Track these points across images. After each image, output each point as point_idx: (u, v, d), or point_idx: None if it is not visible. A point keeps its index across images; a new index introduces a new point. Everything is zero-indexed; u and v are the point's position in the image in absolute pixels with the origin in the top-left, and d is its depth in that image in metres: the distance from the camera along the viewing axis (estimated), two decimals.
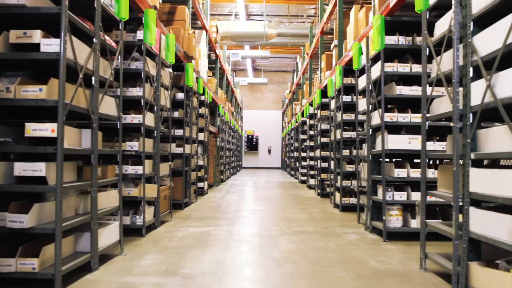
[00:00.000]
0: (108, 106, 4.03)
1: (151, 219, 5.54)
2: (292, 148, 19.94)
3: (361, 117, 6.74)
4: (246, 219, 6.80)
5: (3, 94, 3.15)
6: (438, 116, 3.69)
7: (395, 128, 5.44)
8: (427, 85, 3.96)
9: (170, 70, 6.53)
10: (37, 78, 3.53)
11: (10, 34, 3.21)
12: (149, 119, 5.42)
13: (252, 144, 28.70)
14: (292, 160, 19.79)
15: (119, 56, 4.32)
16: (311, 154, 12.85)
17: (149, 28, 5.16)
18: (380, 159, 5.43)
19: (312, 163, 12.91)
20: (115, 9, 4.14)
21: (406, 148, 5.16)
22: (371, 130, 5.75)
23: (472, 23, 3.13)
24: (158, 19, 6.04)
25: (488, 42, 2.95)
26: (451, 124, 3.35)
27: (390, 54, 5.44)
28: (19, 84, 3.19)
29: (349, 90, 7.99)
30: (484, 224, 2.96)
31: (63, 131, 3.13)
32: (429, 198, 4.67)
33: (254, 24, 15.30)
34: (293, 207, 8.42)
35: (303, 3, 16.07)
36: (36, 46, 3.16)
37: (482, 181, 2.99)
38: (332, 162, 8.84)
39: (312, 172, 13.06)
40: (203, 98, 10.00)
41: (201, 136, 9.98)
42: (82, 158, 4.10)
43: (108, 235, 4.05)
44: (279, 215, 7.26)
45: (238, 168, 24.18)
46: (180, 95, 7.62)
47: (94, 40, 3.68)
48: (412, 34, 5.28)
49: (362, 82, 6.17)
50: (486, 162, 4.03)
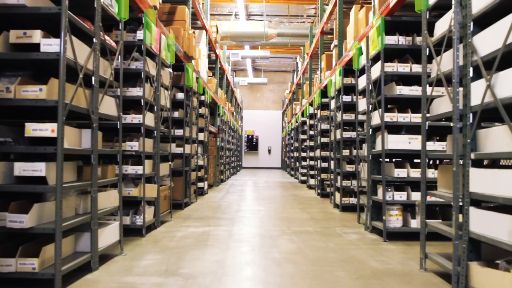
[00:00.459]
0: (108, 106, 4.03)
1: (151, 219, 5.54)
2: (292, 148, 19.94)
3: (361, 117, 6.74)
4: (246, 219, 6.80)
5: (3, 94, 3.15)
6: (438, 116, 3.69)
7: (395, 128, 5.44)
8: (427, 85, 3.96)
9: (170, 70, 6.53)
10: (37, 78, 3.53)
11: (10, 34, 3.21)
12: (149, 119, 5.42)
13: (252, 144, 28.70)
14: (292, 160, 19.79)
15: (119, 56, 4.32)
16: (311, 154, 12.85)
17: (149, 28, 5.16)
18: (380, 159, 5.43)
19: (312, 163, 12.91)
20: (115, 9, 4.14)
21: (406, 148, 5.16)
22: (371, 130, 5.75)
23: (472, 23, 3.13)
24: (158, 19, 6.04)
25: (488, 42, 2.95)
26: (451, 124, 3.35)
27: (390, 54, 5.44)
28: (19, 84, 3.19)
29: (349, 90, 7.99)
30: (484, 224, 2.96)
31: (63, 131, 3.13)
32: (429, 198, 4.67)
33: (254, 24, 15.30)
34: (293, 207, 8.42)
35: (303, 3, 16.07)
36: (36, 46, 3.16)
37: (482, 181, 2.99)
38: (332, 162, 8.84)
39: (312, 172, 13.06)
40: (203, 98, 10.00)
41: (201, 136, 9.98)
42: (82, 158, 4.10)
43: (108, 235, 4.05)
44: (279, 215, 7.26)
45: (238, 168, 24.19)
46: (180, 95, 7.62)
47: (94, 40, 3.68)
48: (412, 34, 5.28)
49: (362, 82, 6.16)
50: (486, 162, 4.03)
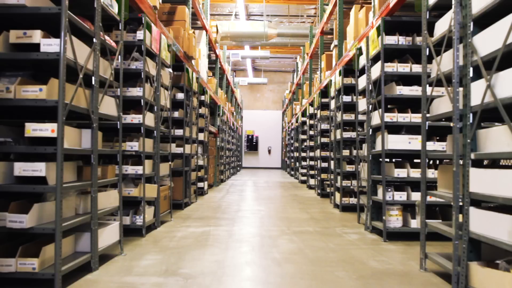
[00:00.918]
0: (108, 106, 4.03)
1: (151, 219, 5.54)
2: (292, 148, 19.94)
3: (361, 117, 6.74)
4: (246, 219, 6.80)
5: (3, 94, 3.15)
6: (438, 116, 3.69)
7: (395, 128, 5.44)
8: (427, 85, 3.95)
9: (170, 70, 6.53)
10: (37, 78, 3.53)
11: (10, 34, 3.21)
12: (149, 119, 5.42)
13: (252, 144, 28.69)
14: (292, 160, 19.79)
15: (119, 56, 4.32)
16: (311, 154, 12.85)
17: (149, 28, 5.16)
18: (380, 159, 5.43)
19: (312, 163, 12.91)
20: (115, 9, 4.14)
21: (406, 148, 5.16)
22: (371, 130, 5.75)
23: (472, 23, 3.13)
24: (158, 19, 6.03)
25: (488, 42, 2.95)
26: (451, 124, 3.35)
27: (390, 54, 5.44)
28: (19, 84, 3.19)
29: (349, 90, 7.99)
30: (484, 224, 2.96)
31: (63, 131, 3.13)
32: (429, 198, 4.67)
33: (254, 24, 15.29)
34: (293, 207, 8.42)
35: (303, 3, 16.07)
36: (36, 46, 3.16)
37: (482, 181, 2.99)
38: (332, 162, 8.84)
39: (312, 172, 13.06)
40: (203, 98, 10.00)
41: (201, 136, 9.97)
42: (82, 158, 4.10)
43: (108, 235, 4.05)
44: (279, 215, 7.26)
45: (238, 168, 24.18)
46: (180, 95, 7.62)
47: (94, 40, 3.68)
48: (412, 34, 5.28)
49: (362, 82, 6.16)
50: (486, 162, 4.03)
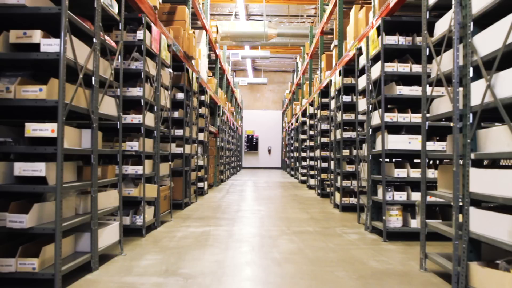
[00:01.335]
0: (108, 106, 4.03)
1: (151, 219, 5.54)
2: (292, 148, 19.94)
3: (361, 117, 6.74)
4: (246, 219, 6.80)
5: (3, 94, 3.15)
6: (438, 116, 3.69)
7: (395, 128, 5.43)
8: (427, 85, 3.95)
9: (170, 70, 6.53)
10: (37, 78, 3.53)
11: (10, 34, 3.21)
12: (149, 119, 5.42)
13: (252, 144, 28.68)
14: (292, 160, 19.78)
15: (119, 56, 4.32)
16: (311, 154, 12.85)
17: (149, 28, 5.16)
18: (380, 159, 5.43)
19: (312, 163, 12.91)
20: (115, 9, 4.14)
21: (406, 148, 5.16)
22: (371, 130, 5.75)
23: (472, 23, 3.13)
24: (158, 19, 6.03)
25: (488, 42, 2.95)
26: (451, 124, 3.35)
27: (390, 54, 5.44)
28: (19, 84, 3.19)
29: (349, 90, 7.99)
30: (484, 224, 2.96)
31: (63, 131, 3.13)
32: (429, 198, 4.66)
33: (254, 24, 15.29)
34: (293, 207, 8.42)
35: (303, 3, 16.07)
36: (36, 46, 3.16)
37: (482, 181, 2.99)
38: (332, 162, 8.84)
39: (312, 172, 13.06)
40: (203, 98, 10.00)
41: (201, 136, 9.97)
42: (82, 158, 4.10)
43: (108, 235, 4.05)
44: (279, 215, 7.26)
45: (238, 168, 24.18)
46: (180, 95, 7.62)
47: (94, 40, 3.68)
48: (412, 34, 5.28)
49: (362, 82, 6.16)
50: (486, 162, 4.03)
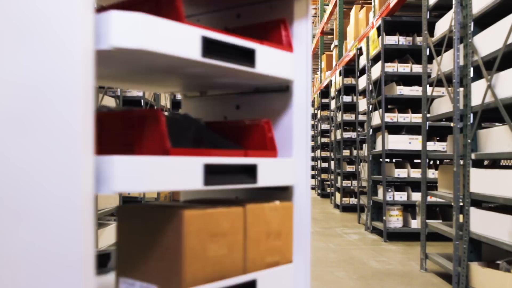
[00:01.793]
0: None
1: None
2: None
3: (361, 117, 6.74)
4: None
5: None
6: (438, 116, 3.68)
7: (396, 128, 5.43)
8: (428, 85, 3.95)
9: None
10: None
11: None
12: None
13: None
14: None
15: None
16: (312, 155, 12.84)
17: None
18: (381, 159, 5.42)
19: (312, 163, 12.91)
20: None
21: (407, 148, 5.15)
22: (371, 130, 5.74)
23: (472, 23, 3.12)
24: None
25: (488, 42, 2.95)
26: (452, 124, 3.34)
27: (390, 54, 5.44)
28: None
29: (349, 90, 7.98)
30: (484, 224, 2.95)
31: None
32: (429, 199, 4.66)
33: None
34: None
35: None
36: None
37: (482, 181, 2.98)
38: (332, 162, 8.84)
39: (312, 172, 13.07)
40: None
41: None
42: None
43: (108, 235, 4.05)
44: None
45: None
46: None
47: None
48: (412, 34, 5.27)
49: (363, 82, 6.16)
50: (486, 163, 4.03)
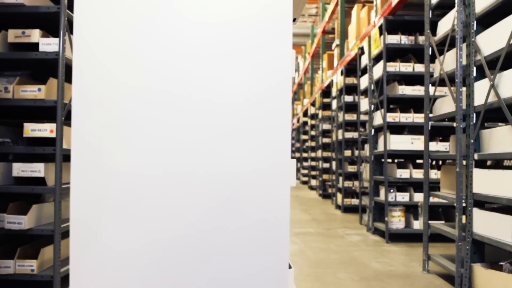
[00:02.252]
0: None
1: None
2: (293, 148, 19.92)
3: (363, 117, 6.71)
4: None
5: (1, 94, 3.12)
6: (441, 116, 3.66)
7: (398, 128, 5.40)
8: (430, 84, 3.93)
9: None
10: (36, 78, 3.50)
11: (8, 34, 3.18)
12: None
13: None
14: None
15: None
16: (313, 155, 12.82)
17: None
18: (382, 160, 5.40)
19: (313, 163, 12.88)
20: None
21: (409, 148, 5.12)
22: (373, 130, 5.72)
23: (475, 22, 3.10)
24: None
25: (491, 41, 2.92)
26: (454, 124, 3.32)
27: (392, 54, 5.41)
28: (17, 84, 3.17)
29: (351, 90, 7.95)
30: (487, 225, 2.93)
31: (62, 131, 3.10)
32: (432, 199, 4.64)
33: None
34: (294, 208, 8.39)
35: None
36: (35, 46, 3.14)
37: (485, 182, 2.95)
38: (333, 163, 8.81)
39: (313, 173, 13.03)
40: None
41: None
42: None
43: None
44: None
45: None
46: None
47: None
48: (414, 34, 5.24)
49: (364, 82, 6.14)
50: (489, 163, 4.00)
